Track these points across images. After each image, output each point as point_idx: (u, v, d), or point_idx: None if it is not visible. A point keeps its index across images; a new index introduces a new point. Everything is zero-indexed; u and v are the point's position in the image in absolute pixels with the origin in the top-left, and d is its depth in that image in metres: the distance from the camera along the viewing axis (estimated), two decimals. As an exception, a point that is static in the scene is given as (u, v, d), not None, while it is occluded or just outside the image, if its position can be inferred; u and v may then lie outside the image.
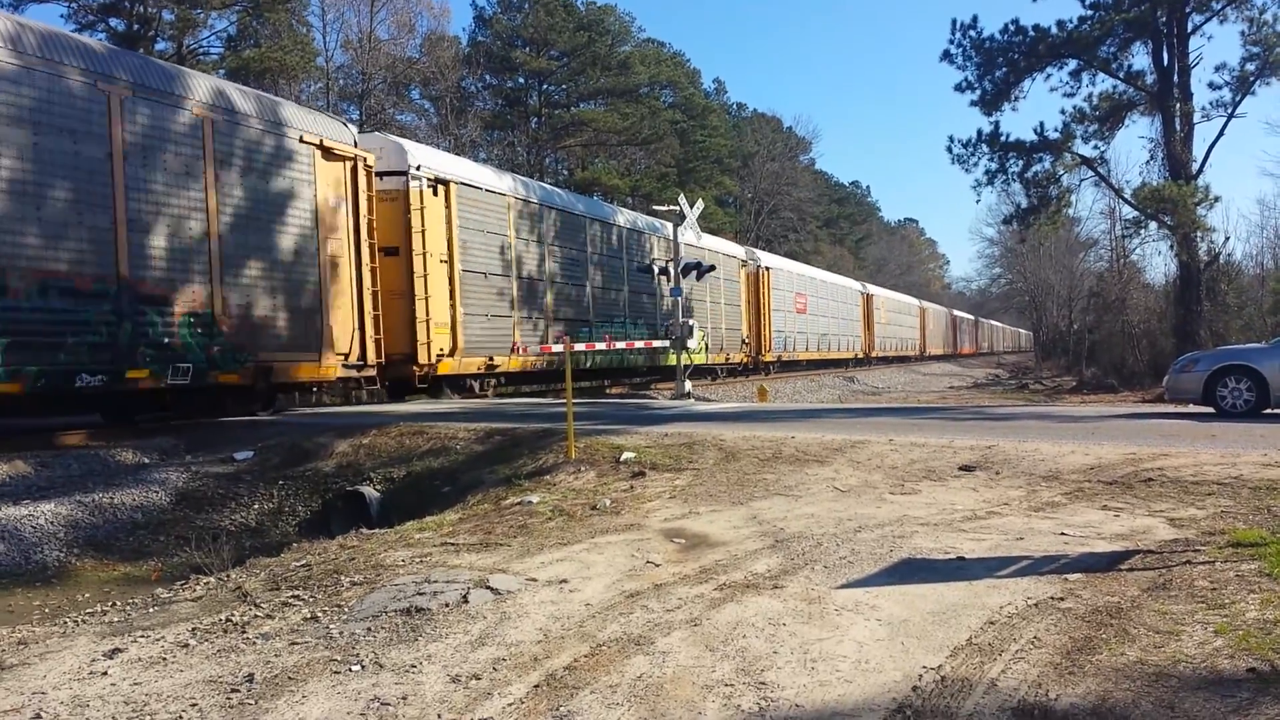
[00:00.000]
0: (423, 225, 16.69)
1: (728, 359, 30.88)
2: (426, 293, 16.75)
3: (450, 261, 17.48)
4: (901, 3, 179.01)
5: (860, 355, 48.29)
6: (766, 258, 36.58)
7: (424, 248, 16.70)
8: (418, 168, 16.80)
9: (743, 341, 32.49)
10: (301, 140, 14.21)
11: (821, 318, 41.65)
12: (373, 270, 15.48)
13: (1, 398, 10.52)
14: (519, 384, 21.47)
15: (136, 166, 11.71)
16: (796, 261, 45.94)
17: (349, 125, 16.19)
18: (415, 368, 16.64)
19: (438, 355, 17.00)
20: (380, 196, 15.91)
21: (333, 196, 14.78)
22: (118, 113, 11.47)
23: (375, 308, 15.53)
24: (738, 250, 33.78)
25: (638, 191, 52.57)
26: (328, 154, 14.67)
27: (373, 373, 15.71)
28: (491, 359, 18.56)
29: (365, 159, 15.47)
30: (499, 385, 19.99)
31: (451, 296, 17.51)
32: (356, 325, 15.14)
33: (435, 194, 17.18)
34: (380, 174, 16.07)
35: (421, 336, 16.59)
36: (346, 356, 14.98)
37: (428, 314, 16.79)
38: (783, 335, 36.23)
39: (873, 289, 53.47)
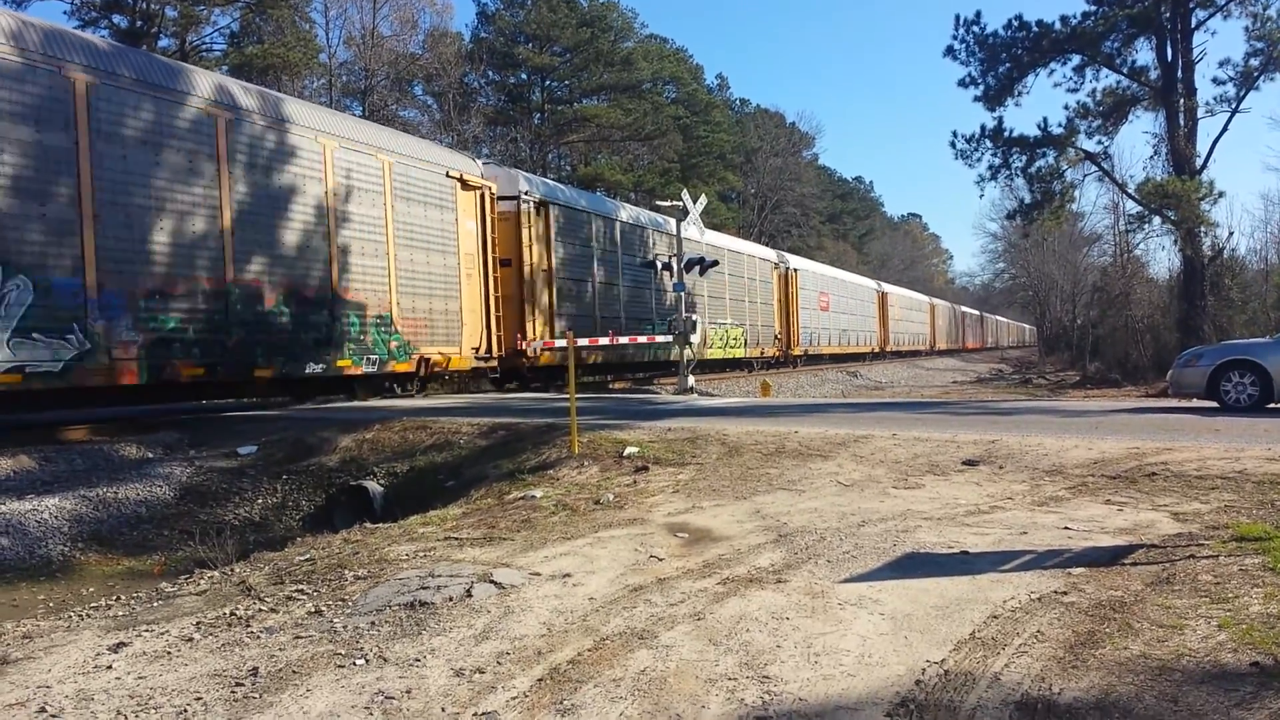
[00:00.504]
0: (530, 240, 19.91)
1: (763, 353, 33.83)
2: (533, 296, 20.04)
3: (549, 270, 20.61)
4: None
5: (876, 350, 50.28)
6: (795, 260, 39.01)
7: (531, 259, 19.98)
8: (525, 193, 19.88)
9: (775, 337, 35.26)
10: (448, 175, 17.68)
11: (842, 315, 44.09)
12: (496, 279, 18.88)
13: (261, 382, 13.89)
14: (598, 373, 24.82)
15: (343, 203, 15.05)
16: (819, 263, 48.11)
17: (476, 160, 19.91)
18: (524, 360, 19.88)
19: (541, 350, 19.99)
20: (499, 217, 19.22)
21: (468, 219, 18.25)
22: (331, 160, 14.86)
23: (498, 309, 18.93)
24: (770, 254, 36.36)
25: (640, 187, 52.58)
26: (465, 185, 18.14)
27: (495, 364, 19.14)
28: (584, 357, 21.41)
29: (490, 188, 18.97)
30: (580, 375, 22.28)
31: (550, 300, 20.65)
32: (484, 324, 18.53)
33: (538, 214, 20.32)
34: (497, 198, 19.28)
35: (529, 334, 19.70)
36: (477, 350, 18.41)
37: (534, 315, 20.07)
38: (809, 331, 38.79)
39: (887, 287, 55.30)
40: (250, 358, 13.27)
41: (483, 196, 18.55)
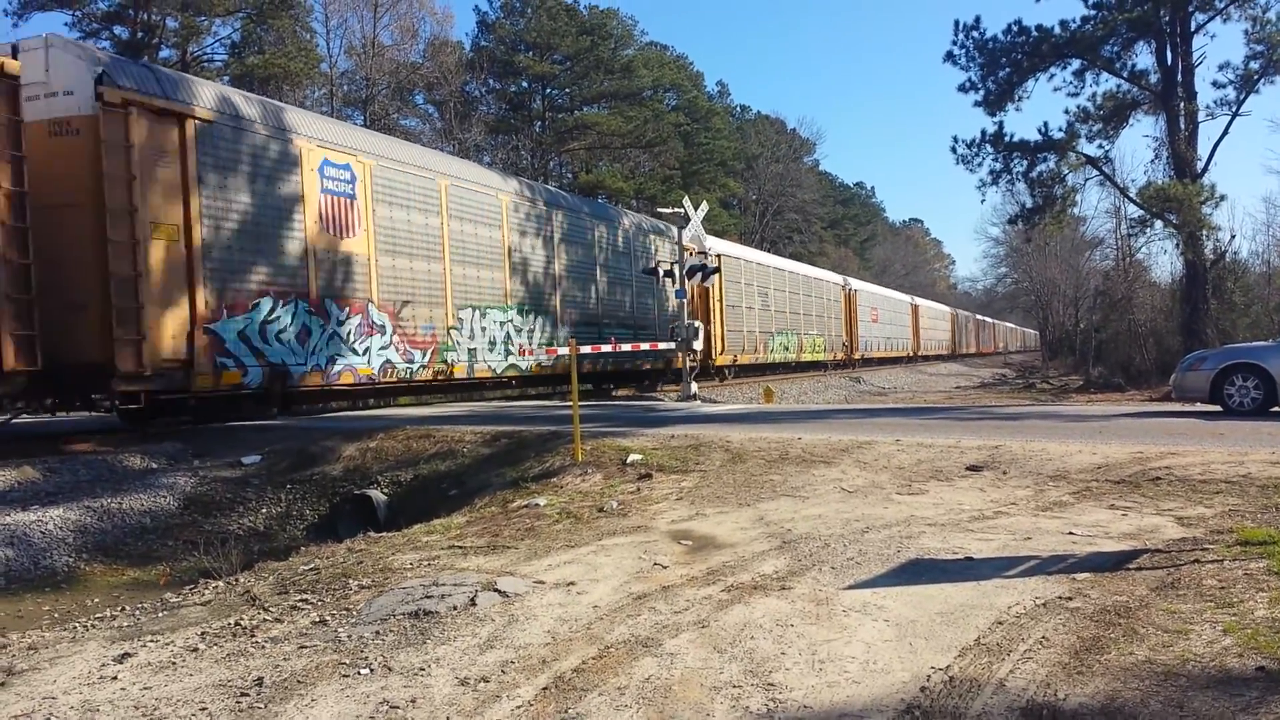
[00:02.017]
0: (714, 281, 26.49)
1: (835, 357, 42.54)
2: (717, 318, 29.18)
3: (721, 300, 29.53)
4: (904, 4, 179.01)
5: (910, 354, 57.16)
6: (854, 283, 48.21)
7: (717, 295, 28.87)
8: (710, 249, 27.43)
9: (843, 344, 44.19)
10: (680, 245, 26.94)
11: (887, 325, 52.81)
12: (699, 308, 27.37)
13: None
14: (748, 373, 32.52)
15: (642, 269, 24.07)
16: (871, 284, 56.39)
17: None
18: (711, 361, 28.36)
19: (717, 352, 29.02)
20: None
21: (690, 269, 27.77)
22: (643, 244, 25.44)
23: (704, 328, 26.94)
24: (838, 279, 45.68)
25: (642, 194, 52.60)
26: (683, 248, 26.68)
27: (697, 365, 27.48)
28: (735, 358, 30.78)
29: (694, 247, 27.00)
30: (737, 374, 31.60)
31: (722, 321, 29.78)
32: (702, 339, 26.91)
33: (718, 265, 27.07)
34: (697, 254, 27.50)
35: (715, 345, 28.71)
36: (700, 355, 26.75)
37: (717, 330, 29.15)
38: (865, 339, 47.43)
39: (918, 301, 62.96)
40: (607, 361, 22.22)
41: (688, 250, 28.06)
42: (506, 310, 19.21)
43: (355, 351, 14.91)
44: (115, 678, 3.95)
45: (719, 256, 28.54)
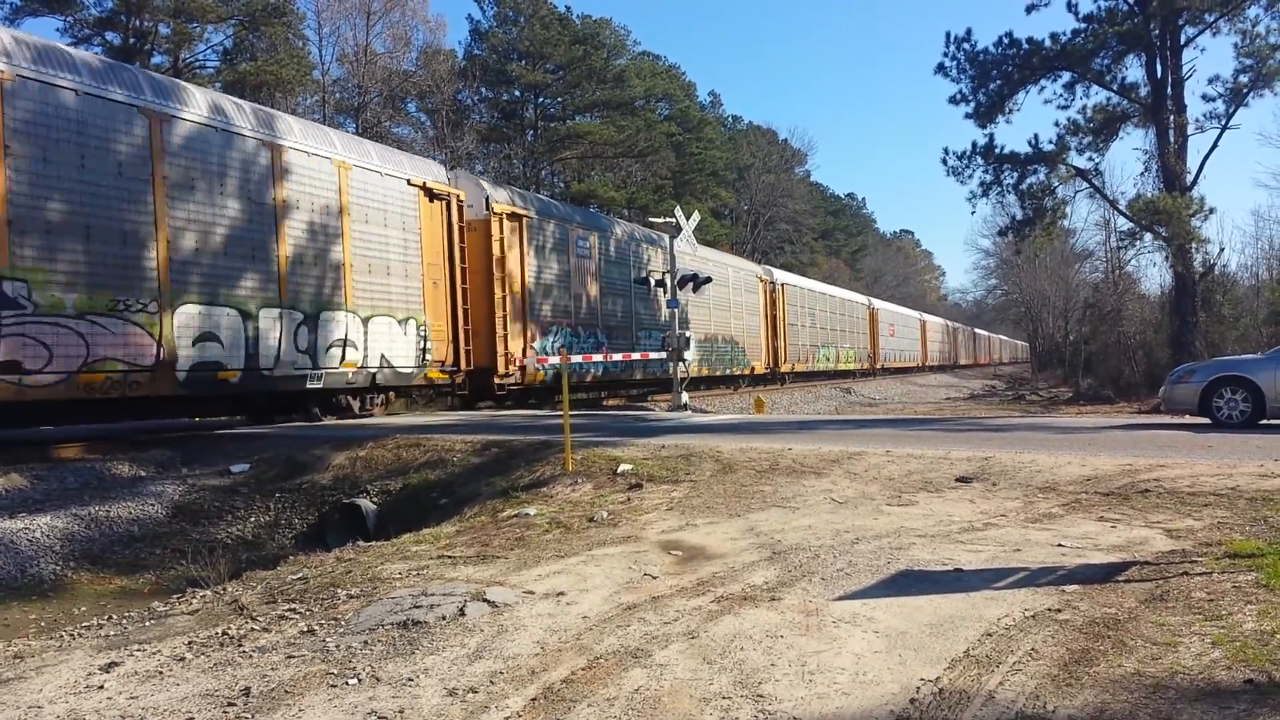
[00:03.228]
0: (779, 304, 36.57)
1: (862, 366, 49.48)
2: (782, 334, 36.84)
3: (785, 320, 37.11)
4: (896, 16, 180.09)
5: (919, 365, 62.94)
6: (876, 302, 55.23)
7: (779, 315, 36.77)
8: (773, 279, 36.81)
9: (868, 355, 51.00)
10: (758, 279, 34.53)
11: (902, 340, 59.89)
12: (769, 329, 35.46)
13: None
14: (802, 379, 39.83)
15: (725, 296, 30.73)
16: (888, 302, 63.05)
17: (761, 265, 38.92)
18: (777, 368, 36.04)
19: (781, 362, 36.48)
20: (770, 290, 35.98)
21: (757, 295, 34.27)
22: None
23: (771, 342, 35.48)
24: (862, 299, 52.98)
25: (634, 204, 52.69)
26: (760, 280, 34.92)
27: (768, 371, 35.47)
28: (793, 366, 37.91)
29: (768, 279, 35.82)
30: (793, 380, 38.94)
31: (786, 336, 37.02)
32: (768, 350, 34.92)
33: (782, 291, 37.20)
34: (769, 282, 36.27)
35: (780, 355, 36.68)
36: (766, 364, 34.81)
37: (784, 345, 36.91)
38: (884, 351, 54.49)
39: (926, 317, 69.92)
40: (713, 365, 29.54)
41: (763, 281, 34.99)
42: (660, 332, 26.26)
43: (591, 360, 22.46)
44: (102, 687, 3.92)
45: (783, 286, 38.03)
